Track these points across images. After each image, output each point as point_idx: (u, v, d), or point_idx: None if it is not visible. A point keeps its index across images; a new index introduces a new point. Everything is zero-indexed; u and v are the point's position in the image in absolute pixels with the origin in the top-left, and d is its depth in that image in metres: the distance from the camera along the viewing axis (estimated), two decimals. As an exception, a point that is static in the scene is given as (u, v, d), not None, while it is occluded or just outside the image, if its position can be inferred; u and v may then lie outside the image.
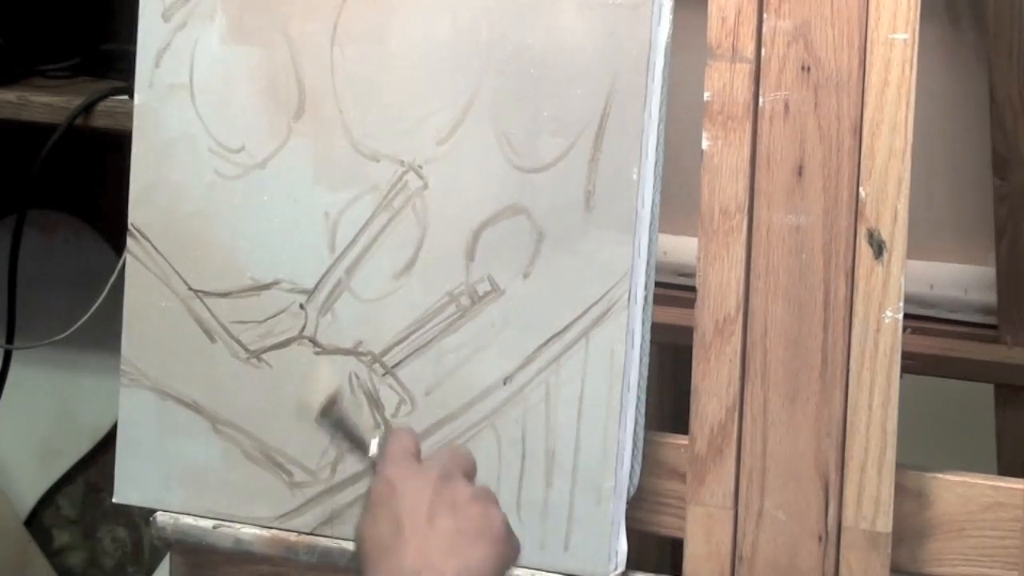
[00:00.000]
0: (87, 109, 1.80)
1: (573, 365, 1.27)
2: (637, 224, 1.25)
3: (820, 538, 1.25)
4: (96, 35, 1.91)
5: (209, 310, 1.36)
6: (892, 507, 1.23)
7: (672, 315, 1.47)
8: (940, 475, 1.26)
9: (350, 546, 1.33)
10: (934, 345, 1.64)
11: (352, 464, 1.33)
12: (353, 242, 1.32)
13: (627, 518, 1.28)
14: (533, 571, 1.29)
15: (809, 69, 1.22)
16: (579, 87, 1.26)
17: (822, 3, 1.22)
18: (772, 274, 1.25)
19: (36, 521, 2.29)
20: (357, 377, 1.33)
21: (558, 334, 1.28)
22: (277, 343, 1.35)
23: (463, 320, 1.30)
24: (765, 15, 1.23)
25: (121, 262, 1.45)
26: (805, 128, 1.23)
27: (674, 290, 1.59)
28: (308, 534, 1.35)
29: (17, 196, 1.91)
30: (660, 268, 1.32)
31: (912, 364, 1.36)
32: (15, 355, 1.97)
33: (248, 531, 1.36)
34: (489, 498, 1.12)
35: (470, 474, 1.14)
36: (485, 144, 1.28)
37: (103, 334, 1.61)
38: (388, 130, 1.31)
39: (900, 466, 1.24)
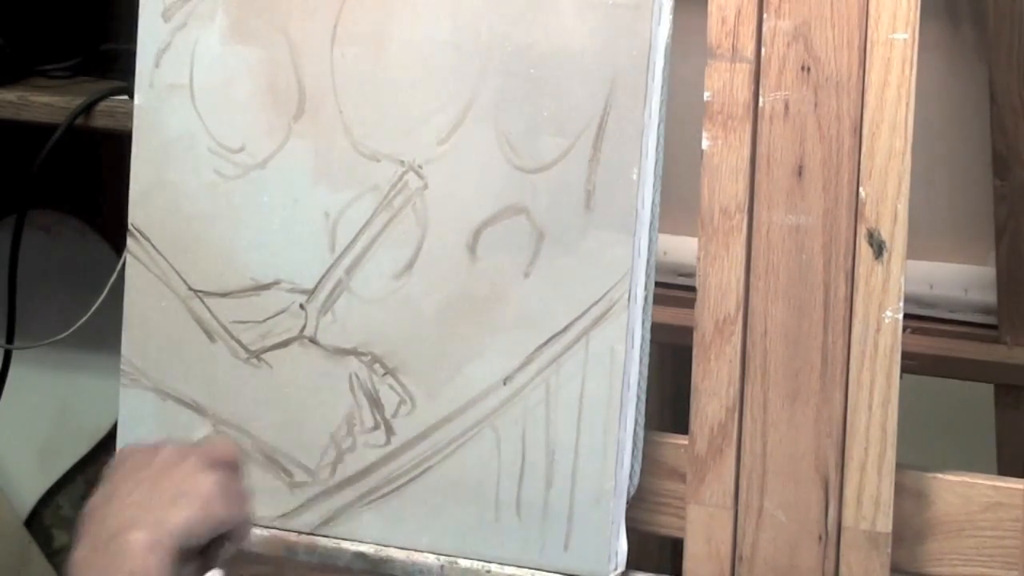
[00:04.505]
0: (87, 109, 1.79)
1: (573, 365, 1.27)
2: (637, 224, 1.25)
3: (820, 538, 1.25)
4: (96, 35, 1.91)
5: (209, 310, 1.36)
6: (892, 507, 1.23)
7: (672, 315, 1.47)
8: (940, 475, 1.26)
9: (350, 546, 1.33)
10: (934, 345, 1.64)
11: (353, 464, 1.33)
12: (353, 242, 1.32)
13: (627, 518, 1.28)
14: (533, 571, 1.29)
15: (809, 69, 1.22)
16: (579, 87, 1.26)
17: (822, 3, 1.22)
18: (772, 274, 1.25)
19: (36, 521, 2.28)
20: (357, 377, 1.33)
21: (558, 334, 1.28)
22: (277, 343, 1.35)
23: (463, 320, 1.30)
24: (765, 15, 1.23)
25: (121, 262, 1.45)
26: (805, 128, 1.23)
27: (674, 290, 1.59)
28: (308, 534, 1.35)
29: (17, 196, 1.91)
30: (660, 268, 1.32)
31: (912, 364, 1.36)
32: (15, 355, 1.97)
33: (248, 531, 1.36)
34: (205, 466, 1.11)
35: (217, 459, 1.14)
36: (485, 144, 1.28)
37: (103, 334, 1.61)
38: (388, 130, 1.31)
39: (900, 466, 1.24)
